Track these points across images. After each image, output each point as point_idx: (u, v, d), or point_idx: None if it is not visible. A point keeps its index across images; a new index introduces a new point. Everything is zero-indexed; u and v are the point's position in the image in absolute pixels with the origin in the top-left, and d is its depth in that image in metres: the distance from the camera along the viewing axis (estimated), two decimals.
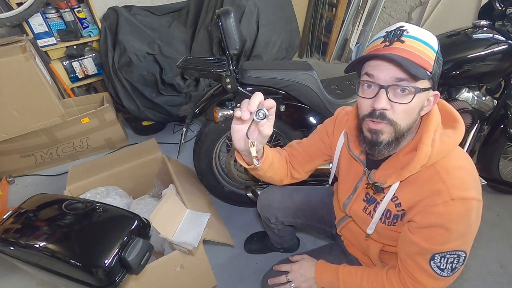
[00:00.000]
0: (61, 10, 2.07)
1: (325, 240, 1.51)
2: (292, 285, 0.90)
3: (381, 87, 0.62)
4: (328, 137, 0.93)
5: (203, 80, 2.16)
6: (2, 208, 1.74)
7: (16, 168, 2.02)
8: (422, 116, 0.69)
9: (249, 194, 1.49)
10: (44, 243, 0.85)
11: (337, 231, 1.00)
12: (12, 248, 0.88)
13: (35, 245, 0.85)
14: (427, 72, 0.61)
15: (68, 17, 2.10)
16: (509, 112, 1.45)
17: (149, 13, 2.24)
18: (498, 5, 1.30)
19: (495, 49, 1.24)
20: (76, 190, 1.41)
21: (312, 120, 1.41)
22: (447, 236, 0.64)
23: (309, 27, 3.33)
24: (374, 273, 0.79)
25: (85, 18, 2.16)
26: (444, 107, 0.73)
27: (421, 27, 0.63)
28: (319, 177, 1.48)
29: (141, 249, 0.88)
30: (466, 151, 1.42)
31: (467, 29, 1.32)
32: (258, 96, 0.63)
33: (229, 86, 1.28)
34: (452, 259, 0.66)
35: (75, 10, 2.09)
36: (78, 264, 0.82)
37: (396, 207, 0.72)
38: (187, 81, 2.09)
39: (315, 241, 1.56)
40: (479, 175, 0.69)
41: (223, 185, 1.63)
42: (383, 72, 0.62)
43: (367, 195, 0.79)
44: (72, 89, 2.30)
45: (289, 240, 1.38)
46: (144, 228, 0.97)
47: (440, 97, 0.71)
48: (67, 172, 1.49)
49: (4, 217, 0.95)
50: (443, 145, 0.64)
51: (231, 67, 1.27)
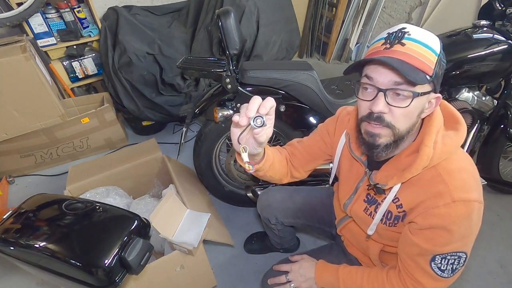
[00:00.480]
0: (61, 10, 2.07)
1: (325, 240, 1.51)
2: (292, 285, 0.90)
3: (380, 90, 0.62)
4: (329, 137, 0.93)
5: (203, 80, 2.16)
6: (2, 208, 1.74)
7: (16, 168, 2.02)
8: (424, 118, 0.69)
9: (249, 194, 1.49)
10: (44, 243, 0.85)
11: (337, 231, 1.00)
12: (12, 248, 0.88)
13: (35, 245, 0.85)
14: (427, 77, 0.60)
15: (68, 17, 2.10)
16: (509, 112, 1.45)
17: (149, 13, 2.24)
18: (498, 5, 1.30)
19: (495, 49, 1.24)
20: (76, 190, 1.41)
21: (312, 120, 1.41)
22: (448, 238, 0.64)
23: (309, 27, 3.33)
24: (375, 273, 0.79)
25: (85, 18, 2.16)
26: (446, 108, 0.72)
27: (421, 27, 0.63)
28: (319, 177, 1.48)
29: (141, 249, 0.88)
30: (466, 151, 1.42)
31: (467, 29, 1.32)
32: (256, 101, 0.60)
33: (229, 86, 1.28)
34: (453, 260, 0.66)
35: (75, 10, 2.09)
36: (78, 264, 0.82)
37: (397, 208, 0.72)
38: (187, 81, 2.09)
39: (315, 241, 1.56)
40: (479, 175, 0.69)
41: (223, 185, 1.63)
42: (382, 76, 0.62)
43: (368, 196, 0.79)
44: (72, 89, 2.30)
45: (289, 240, 1.38)
46: (144, 228, 0.97)
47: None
48: (67, 172, 1.49)
49: (4, 217, 0.95)
50: (445, 147, 0.64)
51: (231, 67, 1.27)
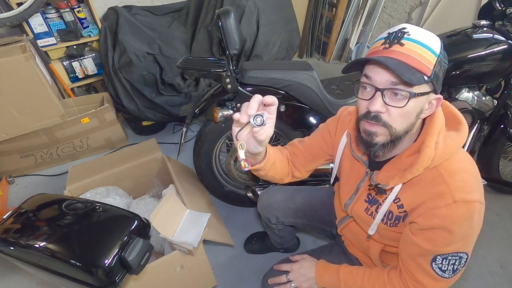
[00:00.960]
0: (61, 10, 2.06)
1: (326, 240, 1.51)
2: (293, 285, 0.90)
3: (377, 90, 0.63)
4: (331, 137, 0.93)
5: (203, 80, 2.16)
6: (2, 208, 1.74)
7: (16, 168, 2.02)
8: (425, 118, 0.69)
9: (249, 194, 1.49)
10: (44, 243, 0.85)
11: (338, 231, 1.00)
12: (12, 248, 0.88)
13: (35, 245, 0.85)
14: (424, 77, 0.60)
15: (68, 17, 2.10)
16: (509, 112, 1.45)
17: (149, 13, 2.24)
18: (498, 5, 1.30)
19: (495, 49, 1.24)
20: (76, 190, 1.41)
21: (312, 120, 1.41)
22: (449, 238, 0.64)
23: (309, 27, 3.33)
24: (376, 274, 0.79)
25: (85, 18, 2.16)
26: (448, 109, 0.72)
27: (421, 27, 0.63)
28: (319, 177, 1.48)
29: (141, 249, 0.88)
30: (466, 151, 1.42)
31: (467, 29, 1.32)
32: (257, 99, 0.61)
33: (229, 86, 1.28)
34: (454, 261, 0.66)
35: (75, 10, 2.09)
36: (78, 264, 0.82)
37: (398, 209, 0.72)
38: (187, 81, 2.09)
39: (315, 241, 1.56)
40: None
41: (223, 185, 1.63)
42: (380, 75, 0.62)
43: (369, 196, 0.79)
44: (72, 89, 2.30)
45: (289, 240, 1.38)
46: (144, 228, 0.97)
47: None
48: (67, 172, 1.49)
49: (4, 217, 0.95)
50: (447, 148, 0.64)
51: (231, 67, 1.27)
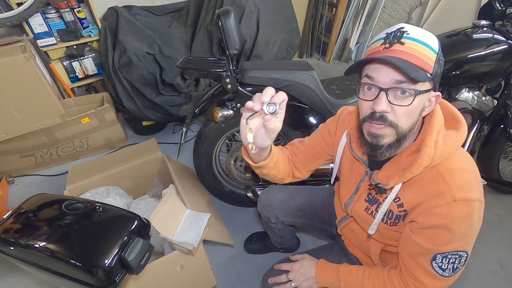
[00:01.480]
0: (61, 10, 2.06)
1: (326, 240, 1.51)
2: (293, 284, 0.90)
3: (381, 90, 0.62)
4: (331, 137, 0.93)
5: (203, 80, 2.16)
6: (2, 208, 1.73)
7: (16, 168, 2.02)
8: (425, 117, 0.69)
9: (249, 194, 1.49)
10: (44, 243, 0.85)
11: (338, 231, 1.00)
12: (12, 248, 0.88)
13: (35, 245, 0.85)
14: (427, 74, 0.60)
15: (68, 17, 2.10)
16: (509, 112, 1.45)
17: (149, 13, 2.24)
18: (498, 5, 1.30)
19: (495, 49, 1.24)
20: (76, 190, 1.41)
21: (312, 120, 1.41)
22: (449, 237, 0.64)
23: (309, 27, 3.33)
24: (376, 273, 0.79)
25: (85, 18, 2.16)
26: (447, 108, 0.73)
27: (421, 27, 0.63)
28: (320, 177, 1.48)
29: (141, 249, 0.88)
30: (466, 151, 1.42)
31: (467, 29, 1.32)
32: (271, 89, 0.64)
33: (229, 86, 1.28)
34: (454, 260, 0.66)
35: (75, 10, 2.09)
36: (78, 264, 0.82)
37: (398, 208, 0.72)
38: (187, 81, 2.09)
39: (315, 241, 1.56)
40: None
41: (223, 185, 1.62)
42: (383, 75, 0.62)
43: (369, 196, 0.79)
44: (72, 89, 2.30)
45: (289, 240, 1.38)
46: (144, 228, 0.97)
47: (441, 98, 0.71)
48: (67, 172, 1.49)
49: (4, 217, 0.95)
50: (446, 147, 0.64)
51: (231, 67, 1.27)
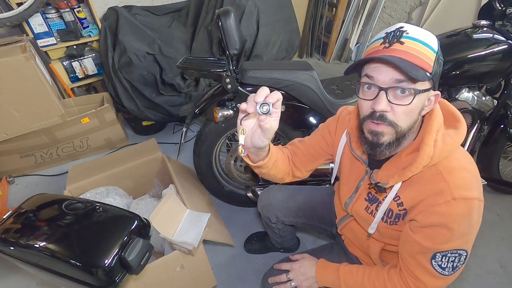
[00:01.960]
0: (61, 10, 2.06)
1: (326, 240, 1.51)
2: (293, 284, 0.90)
3: (381, 89, 0.63)
4: (331, 136, 0.94)
5: (203, 80, 2.16)
6: (2, 208, 1.73)
7: (16, 168, 2.02)
8: (424, 116, 0.69)
9: (249, 194, 1.49)
10: (44, 243, 0.85)
11: (338, 230, 1.00)
12: (12, 248, 0.88)
13: (35, 245, 0.85)
14: (427, 74, 0.61)
15: (68, 17, 2.10)
16: (509, 112, 1.45)
17: (149, 13, 2.24)
18: (498, 5, 1.30)
19: (495, 49, 1.24)
20: (76, 190, 1.41)
21: (312, 120, 1.41)
22: (449, 236, 0.64)
23: (309, 27, 3.33)
24: (376, 272, 0.79)
25: (85, 18, 2.16)
26: (446, 107, 0.73)
27: (421, 27, 0.63)
28: (320, 177, 1.48)
29: (141, 249, 0.88)
30: (466, 151, 1.42)
31: (467, 29, 1.32)
32: (265, 90, 0.62)
33: (229, 86, 1.28)
34: (453, 258, 0.66)
35: (75, 10, 2.09)
36: (78, 264, 0.82)
37: (398, 207, 0.72)
38: (187, 81, 2.09)
39: (315, 241, 1.55)
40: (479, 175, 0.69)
41: (223, 185, 1.62)
42: (383, 74, 0.62)
43: (369, 195, 0.79)
44: (72, 89, 2.30)
45: (289, 240, 1.38)
46: (144, 228, 0.97)
47: (441, 97, 0.71)
48: (67, 172, 1.49)
49: (4, 217, 0.95)
50: (445, 146, 0.65)
51: (231, 67, 1.27)
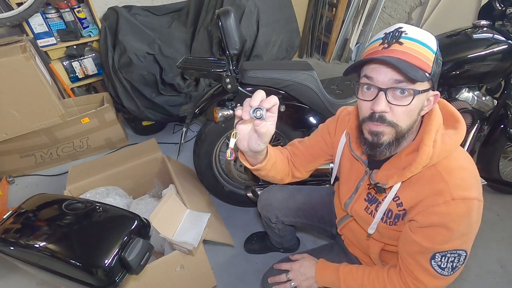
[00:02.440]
0: (61, 10, 2.06)
1: (325, 240, 1.51)
2: (292, 284, 0.90)
3: (380, 90, 0.62)
4: (330, 137, 0.94)
5: (203, 80, 2.16)
6: (2, 208, 1.74)
7: (16, 168, 2.02)
8: (423, 116, 0.69)
9: (249, 194, 1.49)
10: (44, 243, 0.85)
11: (338, 231, 1.00)
12: (12, 248, 0.88)
13: (35, 245, 0.85)
14: (426, 74, 0.61)
15: (68, 17, 2.10)
16: (509, 112, 1.45)
17: (149, 13, 2.24)
18: (498, 5, 1.30)
19: (495, 49, 1.24)
20: (76, 190, 1.41)
21: (312, 120, 1.41)
22: (448, 236, 0.64)
23: (309, 27, 3.33)
24: (375, 272, 0.80)
25: (85, 18, 2.16)
26: (446, 107, 0.73)
27: (421, 27, 0.63)
28: (319, 177, 1.48)
29: (141, 249, 0.88)
30: (466, 151, 1.42)
31: (467, 29, 1.32)
32: (260, 94, 0.62)
33: (229, 86, 1.28)
34: (453, 258, 0.66)
35: (75, 10, 2.09)
36: (78, 264, 0.82)
37: (398, 207, 0.72)
38: (187, 81, 2.09)
39: (315, 241, 1.56)
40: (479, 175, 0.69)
41: (223, 185, 1.62)
42: (382, 75, 0.62)
43: (369, 195, 0.79)
44: (72, 89, 2.30)
45: (289, 240, 1.38)
46: (144, 228, 0.97)
47: (440, 97, 0.71)
48: (67, 172, 1.49)
49: (4, 217, 0.95)
50: (445, 146, 0.65)
51: (231, 67, 1.27)
